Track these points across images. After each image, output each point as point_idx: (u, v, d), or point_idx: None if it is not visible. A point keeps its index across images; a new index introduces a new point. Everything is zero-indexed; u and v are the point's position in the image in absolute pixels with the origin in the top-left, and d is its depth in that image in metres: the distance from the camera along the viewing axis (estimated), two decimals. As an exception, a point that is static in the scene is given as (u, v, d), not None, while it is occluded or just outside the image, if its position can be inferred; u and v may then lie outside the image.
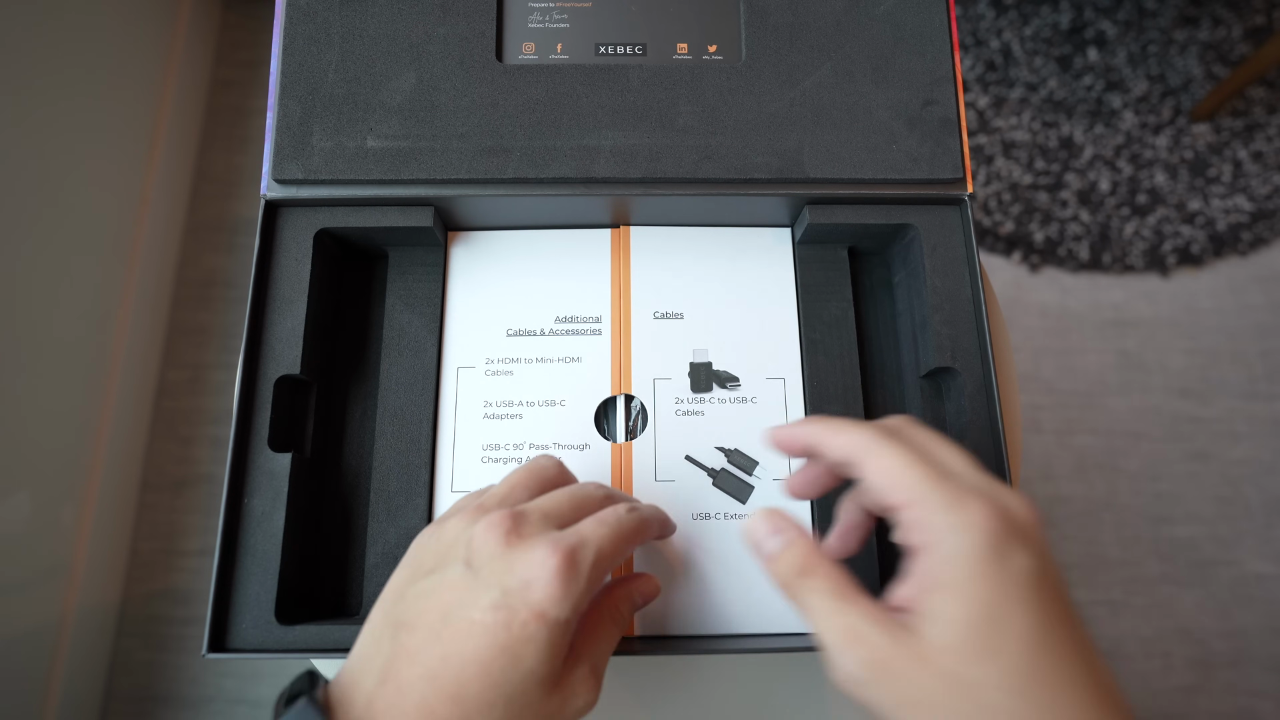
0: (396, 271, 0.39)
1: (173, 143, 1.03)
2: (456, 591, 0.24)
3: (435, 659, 0.23)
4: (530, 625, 0.23)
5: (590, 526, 0.26)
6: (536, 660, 0.23)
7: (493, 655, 0.23)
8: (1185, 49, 1.18)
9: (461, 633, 0.23)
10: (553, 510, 0.27)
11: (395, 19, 0.37)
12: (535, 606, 0.23)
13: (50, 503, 0.82)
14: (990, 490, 0.23)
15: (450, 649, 0.23)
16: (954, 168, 0.36)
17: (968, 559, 0.22)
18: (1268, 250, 1.12)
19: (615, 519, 0.27)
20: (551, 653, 0.24)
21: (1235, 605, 0.99)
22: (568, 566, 0.24)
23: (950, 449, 0.25)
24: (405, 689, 0.23)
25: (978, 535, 0.22)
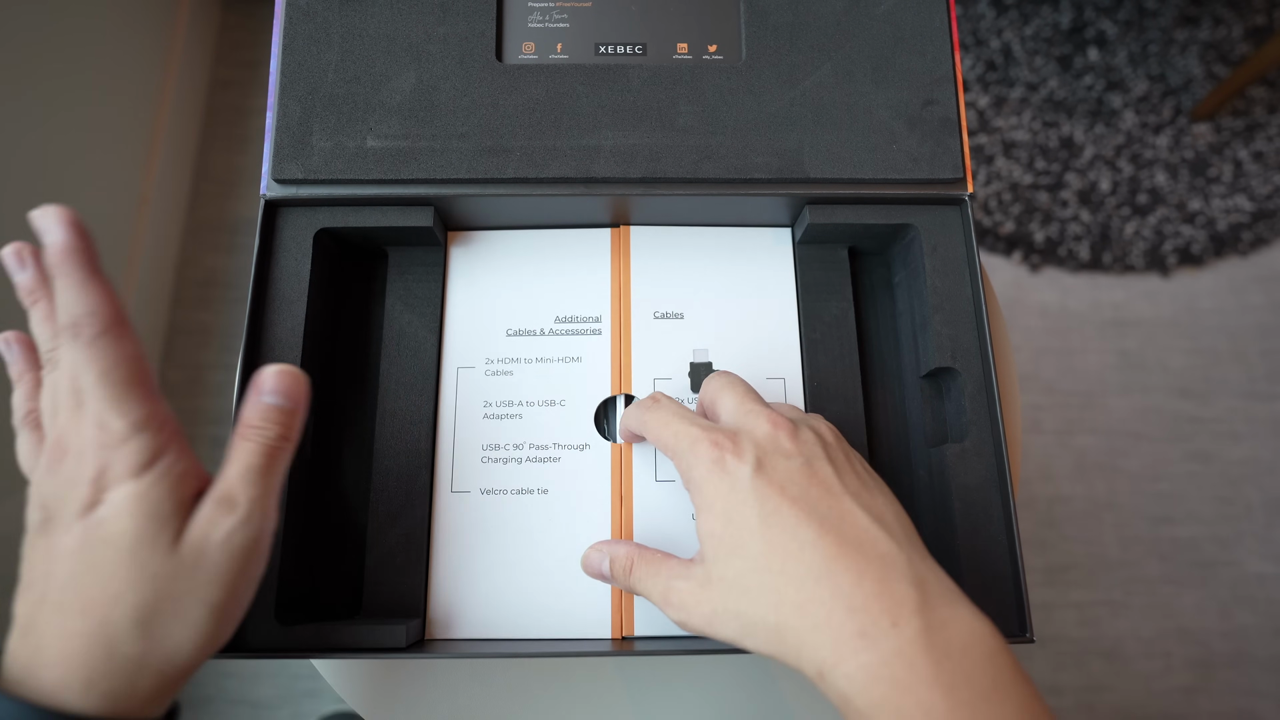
0: (396, 271, 0.39)
1: (173, 142, 1.03)
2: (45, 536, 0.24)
3: (56, 591, 0.24)
4: (101, 503, 0.24)
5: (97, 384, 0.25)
6: (132, 527, 0.24)
7: (93, 552, 0.24)
8: (1186, 49, 1.18)
9: (63, 555, 0.24)
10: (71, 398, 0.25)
11: (395, 19, 0.37)
12: (93, 479, 0.24)
13: (50, 503, 0.82)
14: (738, 422, 0.28)
15: (62, 575, 0.24)
16: (954, 167, 0.36)
17: (702, 481, 0.27)
18: (1268, 250, 1.12)
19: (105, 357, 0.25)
20: (146, 512, 0.24)
21: (1235, 605, 0.99)
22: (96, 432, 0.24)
23: (725, 394, 0.30)
24: (40, 630, 0.24)
25: (705, 462, 0.27)
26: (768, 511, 0.26)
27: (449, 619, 0.34)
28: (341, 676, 0.37)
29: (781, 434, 0.27)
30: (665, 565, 0.29)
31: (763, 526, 0.26)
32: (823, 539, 0.25)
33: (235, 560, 0.25)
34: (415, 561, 0.35)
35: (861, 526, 0.25)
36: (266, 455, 0.26)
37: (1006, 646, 0.24)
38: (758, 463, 0.27)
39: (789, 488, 0.26)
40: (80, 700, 0.23)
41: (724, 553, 0.26)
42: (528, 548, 0.35)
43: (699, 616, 0.27)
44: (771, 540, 0.25)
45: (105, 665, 0.23)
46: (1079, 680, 0.96)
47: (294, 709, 0.91)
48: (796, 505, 0.26)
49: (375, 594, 0.34)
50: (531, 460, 0.36)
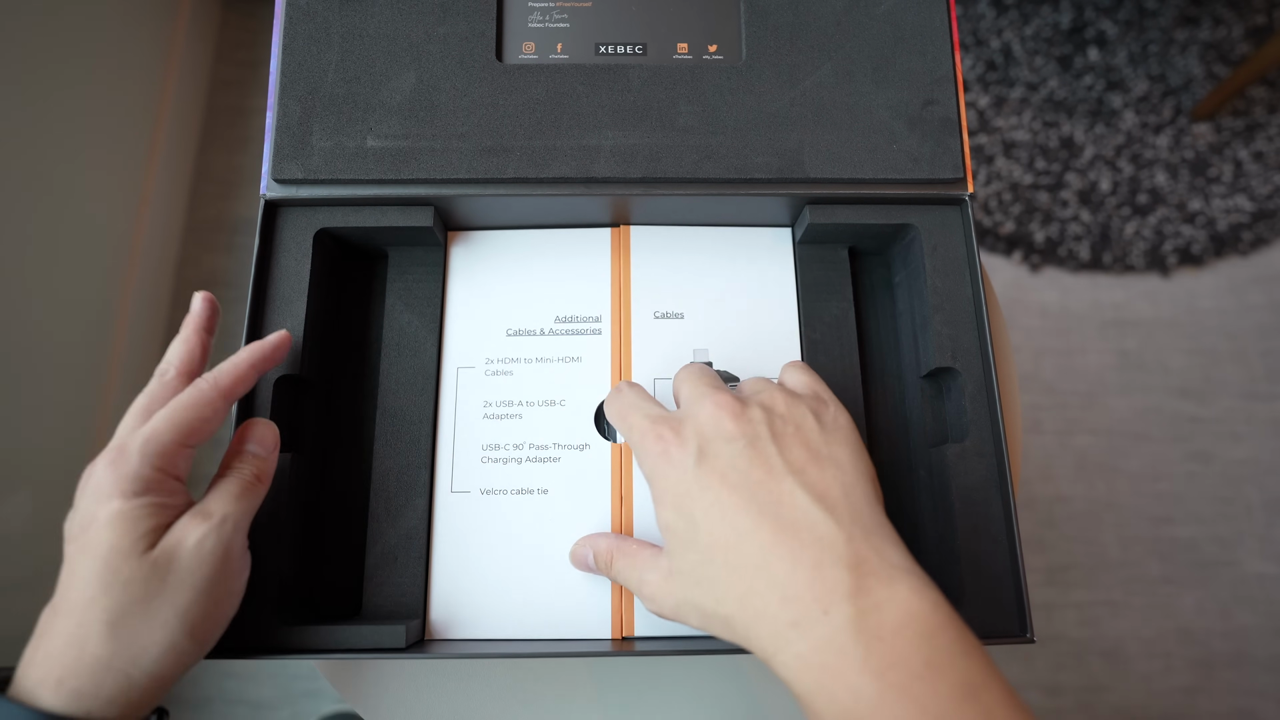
0: (396, 271, 0.39)
1: (173, 142, 1.03)
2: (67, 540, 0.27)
3: (58, 595, 0.26)
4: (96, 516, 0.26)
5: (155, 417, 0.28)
6: (108, 539, 0.26)
7: (79, 560, 0.26)
8: (1186, 48, 1.18)
9: (65, 562, 0.27)
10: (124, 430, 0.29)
11: (395, 19, 0.37)
12: (96, 500, 0.27)
13: (50, 503, 0.82)
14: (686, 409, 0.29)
15: (63, 580, 0.27)
16: (954, 167, 0.36)
17: (653, 473, 0.27)
18: (1268, 250, 1.12)
19: (174, 403, 0.29)
20: (123, 523, 0.26)
21: (1235, 605, 0.99)
22: (115, 457, 0.27)
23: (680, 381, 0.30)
24: (40, 634, 0.26)
25: (653, 454, 0.27)
26: (708, 503, 0.26)
27: (449, 619, 0.34)
28: (341, 676, 0.37)
29: (724, 416, 0.27)
30: (639, 556, 0.29)
31: (705, 519, 0.26)
32: (759, 528, 0.25)
33: (206, 565, 0.27)
34: (415, 561, 0.35)
35: (800, 509, 0.25)
36: (241, 483, 0.29)
37: (950, 623, 0.23)
38: (700, 451, 0.27)
39: (729, 475, 0.26)
40: (51, 696, 0.25)
41: (679, 545, 0.27)
42: (528, 548, 0.35)
43: (667, 607, 0.27)
44: (714, 532, 0.25)
45: (75, 664, 0.25)
46: (1079, 680, 0.96)
47: (294, 709, 0.91)
48: (735, 493, 0.26)
49: (375, 594, 0.34)
50: (532, 460, 0.36)
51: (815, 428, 0.28)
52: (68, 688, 0.25)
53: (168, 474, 0.28)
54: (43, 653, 0.26)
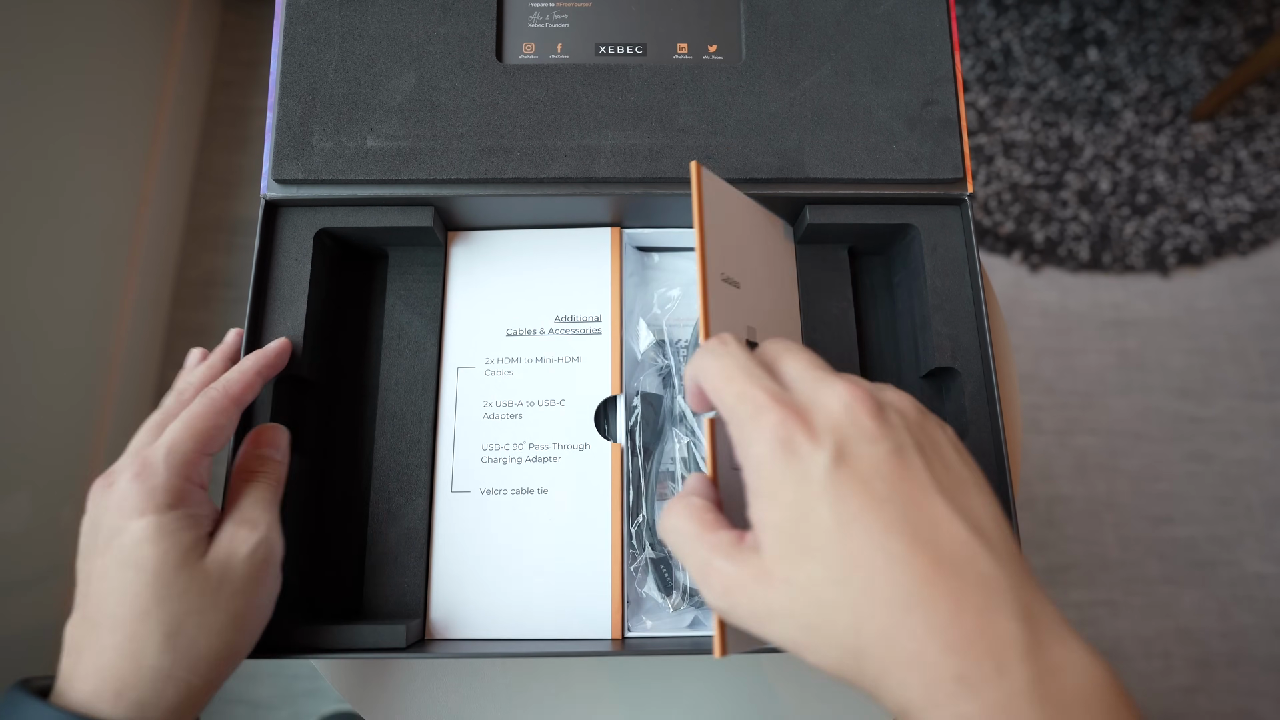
0: (396, 271, 0.39)
1: (173, 142, 1.03)
2: (85, 557, 0.28)
3: (92, 611, 0.27)
4: (129, 531, 0.27)
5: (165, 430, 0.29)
6: (154, 553, 0.26)
7: (121, 574, 0.26)
8: (1185, 49, 1.18)
9: (97, 576, 0.27)
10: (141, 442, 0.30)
11: (395, 19, 0.37)
12: (125, 515, 0.27)
13: (50, 503, 0.82)
14: (807, 392, 0.23)
15: (97, 595, 0.27)
16: (954, 168, 0.36)
17: (767, 465, 0.22)
18: (1268, 250, 1.12)
19: (187, 412, 0.30)
20: (169, 538, 0.27)
21: (1235, 605, 0.99)
22: (141, 468, 0.28)
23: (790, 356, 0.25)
24: (80, 647, 0.26)
25: (769, 441, 0.22)
26: (849, 514, 0.21)
27: (449, 619, 0.34)
28: (341, 676, 0.37)
29: (863, 412, 0.22)
30: (710, 536, 0.24)
31: (842, 532, 0.21)
32: (915, 555, 0.21)
33: (258, 570, 0.28)
34: (415, 561, 0.35)
35: (959, 539, 0.21)
36: (271, 489, 0.31)
37: (1126, 693, 0.20)
38: (837, 451, 0.22)
39: (874, 484, 0.22)
40: (111, 709, 0.25)
41: (792, 551, 0.22)
42: (528, 548, 0.35)
43: (748, 613, 0.22)
44: (853, 550, 0.21)
45: (134, 676, 0.26)
46: (1079, 680, 0.96)
47: (294, 709, 0.91)
48: (883, 509, 0.21)
49: (375, 594, 0.34)
50: (532, 460, 0.36)
51: (949, 444, 0.24)
52: (128, 699, 0.26)
53: (193, 483, 0.29)
54: (90, 666, 0.26)
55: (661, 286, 0.39)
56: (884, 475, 0.22)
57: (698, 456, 0.37)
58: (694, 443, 0.37)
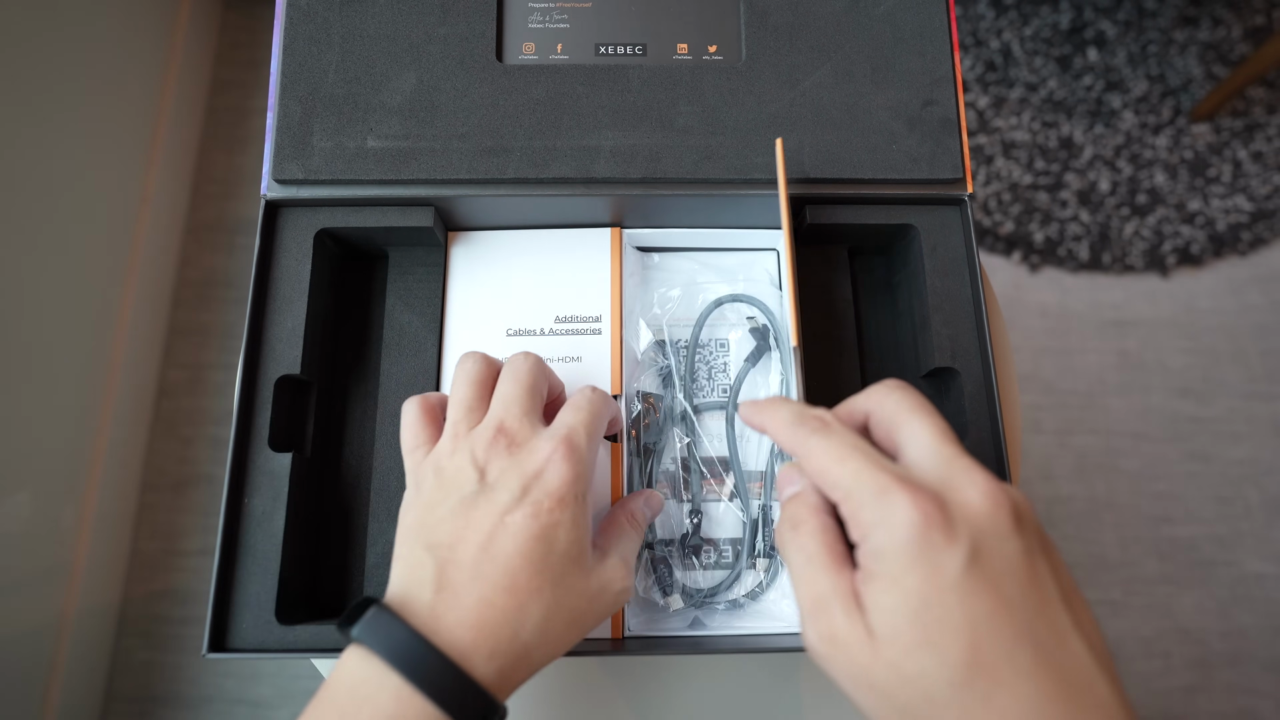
0: (397, 271, 0.39)
1: (173, 143, 1.03)
2: (481, 505, 0.26)
3: (482, 561, 0.25)
4: (555, 510, 0.26)
5: (569, 414, 0.29)
6: (567, 540, 0.26)
7: (531, 543, 0.26)
8: (1185, 49, 1.18)
9: (498, 533, 0.26)
10: (528, 408, 0.29)
11: (395, 19, 0.37)
12: (554, 492, 0.26)
13: (50, 503, 0.82)
14: (941, 475, 0.22)
15: (493, 549, 0.26)
16: (954, 168, 0.36)
17: (895, 553, 0.21)
18: (1267, 250, 1.12)
19: (586, 401, 0.29)
20: (578, 531, 0.27)
21: (1235, 605, 0.99)
22: (569, 450, 0.27)
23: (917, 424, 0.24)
24: (461, 590, 0.25)
25: (902, 528, 0.21)
26: (978, 617, 0.20)
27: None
28: (342, 676, 0.37)
29: (1003, 509, 0.22)
30: (833, 573, 0.23)
31: (973, 636, 0.20)
32: (1039, 672, 0.20)
33: (612, 611, 0.28)
34: None
35: (1081, 659, 0.20)
36: (637, 545, 0.31)
37: None
38: (974, 551, 0.21)
39: (1005, 586, 0.21)
40: (484, 667, 0.25)
41: (910, 641, 0.21)
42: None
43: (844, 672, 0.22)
44: (979, 656, 0.20)
45: (509, 645, 0.25)
46: (1079, 680, 0.96)
47: (294, 709, 0.91)
48: (1013, 617, 0.20)
49: (375, 594, 0.34)
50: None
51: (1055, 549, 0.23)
52: (497, 664, 0.25)
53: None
54: (472, 616, 0.25)
55: (661, 286, 0.40)
56: (1016, 578, 0.21)
57: (698, 456, 0.37)
58: (694, 442, 0.37)
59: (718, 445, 0.37)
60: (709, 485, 0.37)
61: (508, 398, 0.29)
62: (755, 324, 0.39)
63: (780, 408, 0.26)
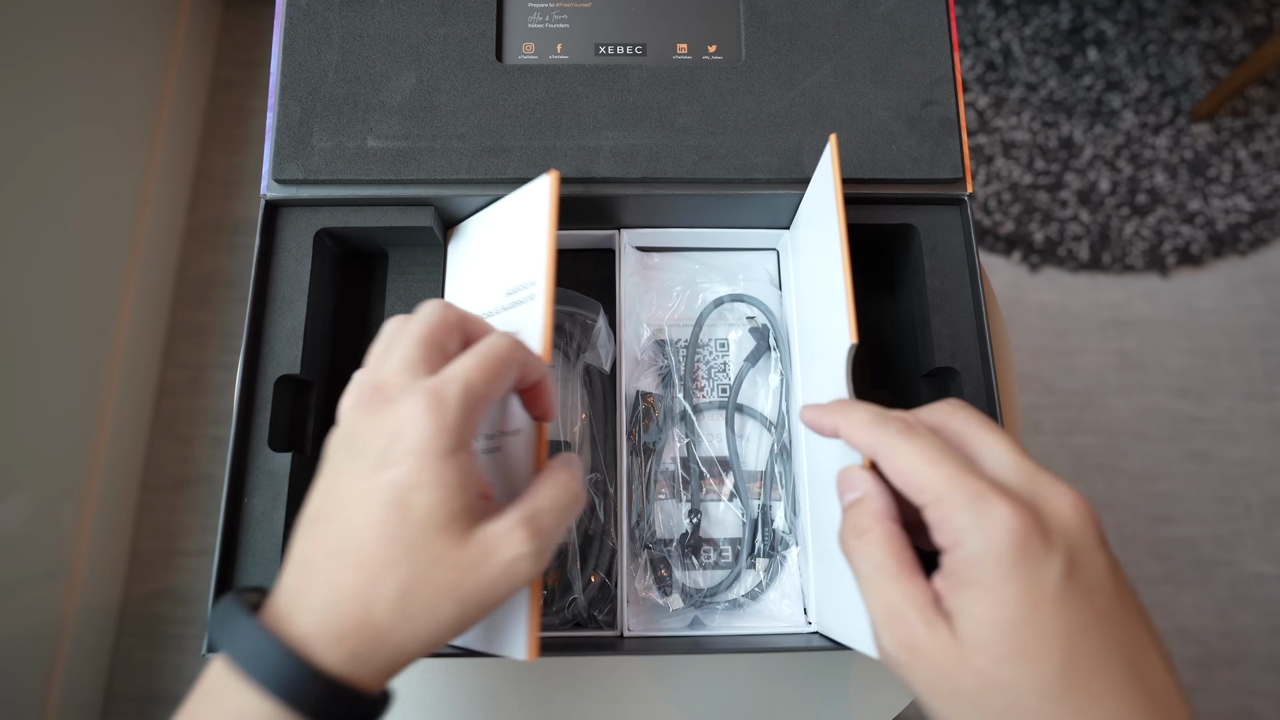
0: (396, 271, 0.39)
1: (173, 143, 1.03)
2: (344, 472, 0.24)
3: (337, 536, 0.23)
4: (412, 470, 0.23)
5: (456, 363, 0.25)
6: (427, 503, 0.23)
7: (382, 510, 0.23)
8: (1185, 49, 1.18)
9: (354, 503, 0.23)
10: (412, 360, 0.25)
11: (395, 19, 0.37)
12: (413, 448, 0.23)
13: (51, 503, 0.82)
14: (1026, 486, 0.22)
15: (349, 522, 0.23)
16: (954, 168, 0.36)
17: (993, 561, 0.21)
18: (1267, 250, 1.12)
19: (482, 349, 0.25)
20: (443, 492, 0.23)
21: (1235, 605, 0.99)
22: (434, 402, 0.23)
23: (992, 439, 0.24)
24: (314, 571, 0.23)
25: (1001, 536, 0.21)
26: (1075, 629, 0.21)
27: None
28: (342, 676, 0.37)
29: (1092, 521, 0.22)
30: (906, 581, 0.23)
31: (1068, 648, 0.20)
32: (1130, 685, 0.20)
33: (509, 585, 0.24)
34: None
35: (1163, 674, 0.21)
36: (574, 504, 0.26)
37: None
38: (1070, 563, 0.21)
39: (1098, 600, 0.21)
40: (329, 651, 0.22)
41: (1003, 651, 0.21)
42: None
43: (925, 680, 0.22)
44: (1073, 669, 0.20)
45: (359, 626, 0.23)
46: (1079, 680, 0.96)
47: (294, 709, 0.91)
48: (1106, 630, 0.21)
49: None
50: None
51: None
52: (347, 647, 0.22)
53: (473, 435, 0.25)
54: (320, 598, 0.23)
55: (662, 286, 0.40)
56: (1106, 592, 0.21)
57: (698, 456, 0.37)
58: (694, 442, 0.37)
59: (717, 445, 0.37)
60: (709, 485, 0.37)
61: (391, 351, 0.26)
62: (755, 324, 0.39)
63: (855, 409, 0.25)
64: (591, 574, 0.35)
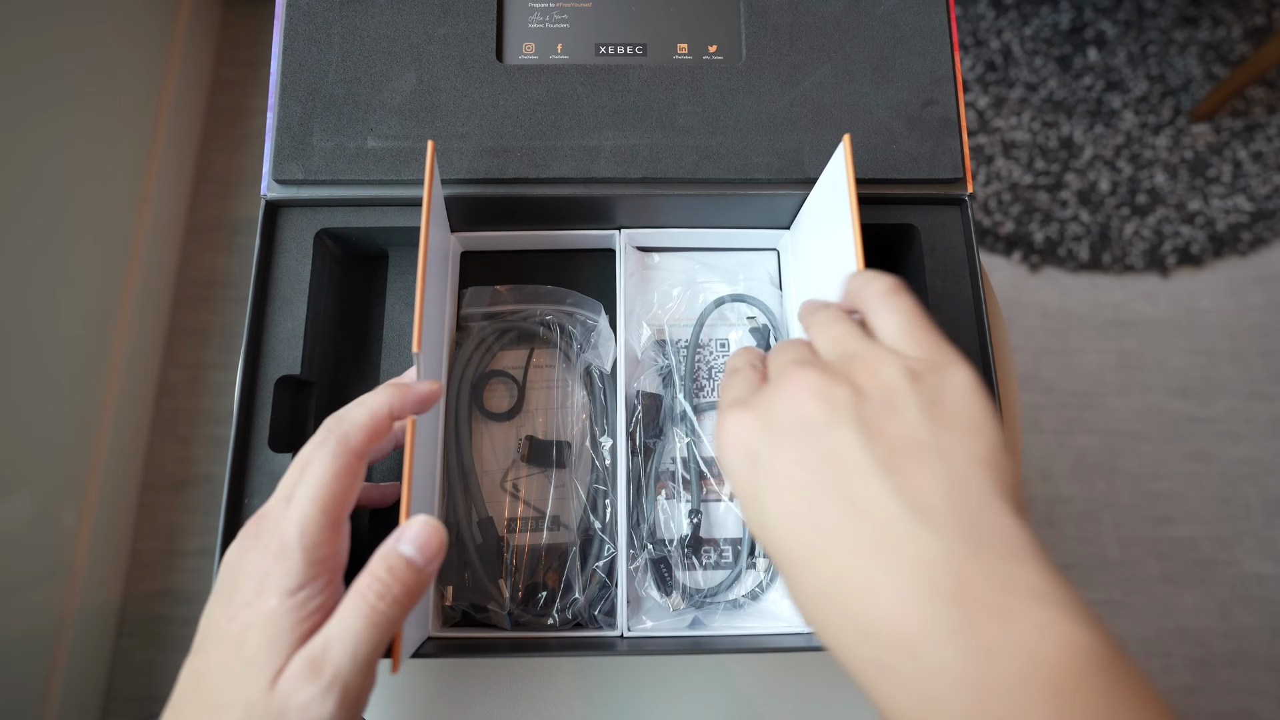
0: (397, 271, 0.39)
1: (173, 143, 1.03)
2: (218, 606, 0.25)
3: (205, 673, 0.24)
4: (258, 612, 0.23)
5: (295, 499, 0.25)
6: (255, 644, 0.23)
7: (230, 653, 0.23)
8: (1185, 49, 1.18)
9: (218, 640, 0.24)
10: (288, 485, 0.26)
11: (396, 19, 0.37)
12: (256, 590, 0.24)
13: (51, 503, 0.82)
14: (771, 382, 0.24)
15: (213, 659, 0.24)
16: (954, 168, 0.36)
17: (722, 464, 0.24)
18: (1267, 250, 1.12)
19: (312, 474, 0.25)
20: (267, 639, 0.23)
21: (1235, 605, 0.99)
22: (279, 549, 0.24)
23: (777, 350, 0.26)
24: (182, 707, 0.24)
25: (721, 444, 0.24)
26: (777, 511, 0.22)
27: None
28: (342, 676, 0.37)
29: (804, 398, 0.22)
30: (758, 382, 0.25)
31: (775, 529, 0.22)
32: (832, 546, 0.21)
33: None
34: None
35: (886, 519, 0.20)
36: (371, 620, 0.24)
37: (1097, 670, 0.18)
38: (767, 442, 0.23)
39: (797, 477, 0.22)
40: None
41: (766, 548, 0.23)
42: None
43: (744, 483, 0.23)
44: (785, 547, 0.21)
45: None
46: (1079, 680, 0.96)
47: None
48: (804, 500, 0.21)
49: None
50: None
51: (915, 405, 0.22)
52: None
53: (325, 564, 0.24)
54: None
55: (661, 286, 0.40)
56: (809, 464, 0.22)
57: (698, 456, 0.37)
58: (694, 442, 0.37)
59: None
60: (709, 485, 0.37)
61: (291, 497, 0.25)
62: (755, 324, 0.39)
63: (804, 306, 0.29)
64: (591, 574, 0.35)
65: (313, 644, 0.23)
